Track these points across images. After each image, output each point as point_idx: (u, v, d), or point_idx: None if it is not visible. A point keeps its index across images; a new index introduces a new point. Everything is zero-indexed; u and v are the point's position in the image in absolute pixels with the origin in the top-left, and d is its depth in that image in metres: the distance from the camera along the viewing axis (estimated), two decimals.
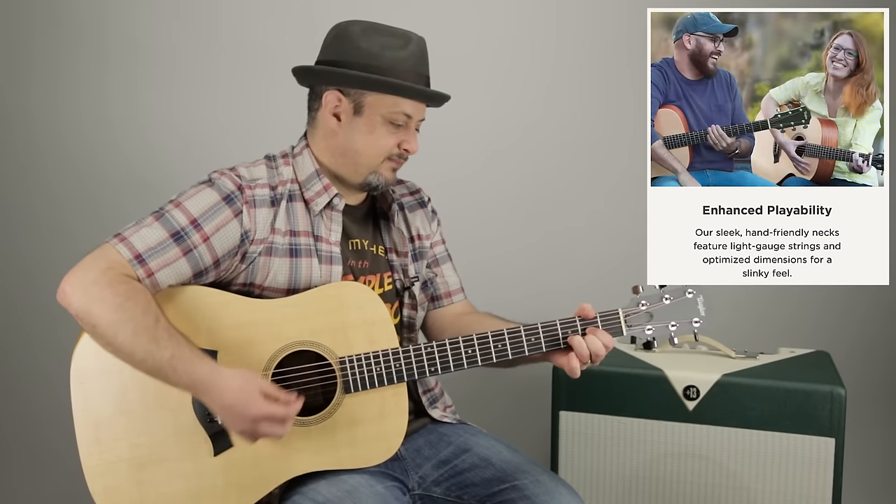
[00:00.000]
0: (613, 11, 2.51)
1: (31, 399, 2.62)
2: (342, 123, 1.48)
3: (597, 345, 1.40)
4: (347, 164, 1.50)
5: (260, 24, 2.58)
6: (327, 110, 1.48)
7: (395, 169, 1.52)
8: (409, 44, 1.46)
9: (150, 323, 1.29)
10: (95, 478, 1.35)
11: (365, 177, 1.50)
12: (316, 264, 1.46)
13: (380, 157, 1.48)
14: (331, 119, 1.48)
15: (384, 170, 1.50)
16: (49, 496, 2.50)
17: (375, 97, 1.45)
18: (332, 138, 1.49)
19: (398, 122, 1.47)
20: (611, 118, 2.55)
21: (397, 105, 1.45)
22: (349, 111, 1.47)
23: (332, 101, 1.47)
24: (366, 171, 1.49)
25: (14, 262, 2.64)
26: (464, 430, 1.60)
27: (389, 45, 1.45)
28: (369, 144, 1.47)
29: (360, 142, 1.47)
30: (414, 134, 1.50)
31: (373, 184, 1.51)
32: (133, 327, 1.28)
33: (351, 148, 1.48)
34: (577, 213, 2.60)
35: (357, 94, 1.45)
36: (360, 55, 1.44)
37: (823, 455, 1.82)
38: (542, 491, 1.42)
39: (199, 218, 1.39)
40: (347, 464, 1.42)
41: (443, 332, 1.65)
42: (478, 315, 1.66)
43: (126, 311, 1.28)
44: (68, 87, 2.59)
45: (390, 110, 1.45)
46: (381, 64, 1.44)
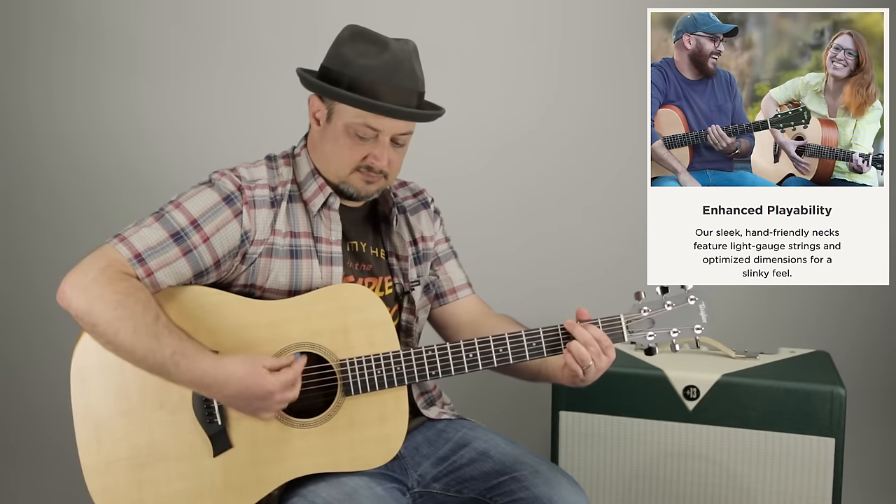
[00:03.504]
0: (613, 11, 2.50)
1: (32, 399, 2.62)
2: (320, 128, 1.48)
3: (587, 336, 1.39)
4: (323, 169, 1.49)
5: (259, 22, 2.58)
6: (310, 113, 1.50)
7: (368, 182, 1.47)
8: (385, 52, 1.41)
9: (150, 320, 1.29)
10: (95, 477, 1.35)
11: (337, 185, 1.49)
12: (316, 265, 1.46)
13: (345, 167, 1.46)
14: (313, 122, 1.49)
15: (354, 181, 1.47)
16: (49, 496, 2.50)
17: (341, 107, 1.43)
18: (315, 140, 1.51)
19: (363, 135, 1.43)
20: (611, 118, 2.55)
21: (360, 117, 1.41)
22: (324, 117, 1.47)
23: (315, 105, 1.48)
24: (336, 179, 1.48)
25: (13, 261, 2.64)
26: (462, 425, 1.60)
27: (365, 52, 1.42)
28: (335, 153, 1.46)
29: (328, 148, 1.47)
30: (384, 148, 1.44)
31: (346, 192, 1.49)
32: (133, 325, 1.28)
33: (322, 154, 1.48)
34: (576, 213, 2.60)
35: (330, 101, 1.45)
36: (337, 62, 1.44)
37: (823, 455, 1.82)
38: (542, 481, 1.42)
39: (199, 218, 1.39)
40: (347, 466, 1.42)
41: (458, 332, 1.63)
42: (495, 318, 1.64)
43: (126, 309, 1.28)
44: (65, 85, 2.58)
45: (352, 121, 1.42)
46: (349, 72, 1.41)
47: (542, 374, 1.53)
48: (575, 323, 1.42)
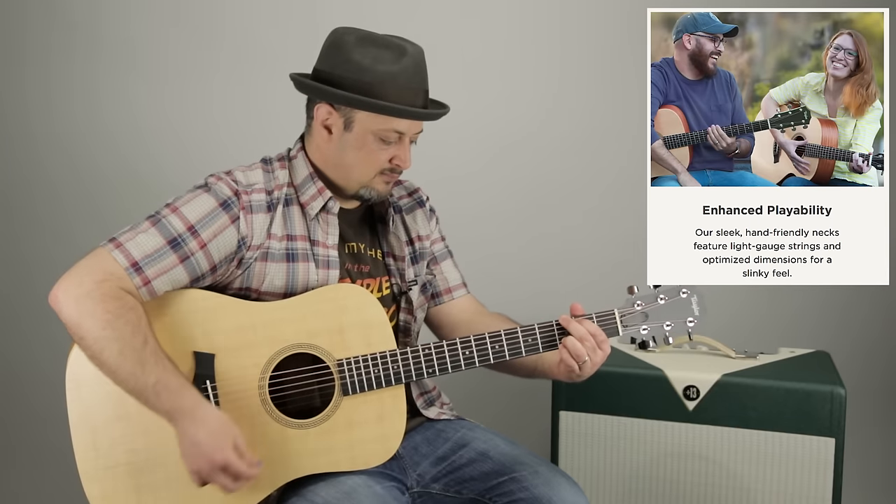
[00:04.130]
0: (613, 11, 2.50)
1: (32, 399, 2.62)
2: (333, 137, 1.46)
3: (582, 331, 1.40)
4: (340, 177, 1.49)
5: (258, 23, 2.57)
6: (318, 122, 1.47)
7: (388, 182, 1.50)
8: (403, 57, 1.42)
9: (138, 344, 1.29)
10: (92, 483, 1.35)
11: (357, 190, 1.49)
12: (313, 269, 1.46)
13: (371, 172, 1.47)
14: (322, 131, 1.47)
15: (377, 184, 1.48)
16: (49, 496, 2.50)
17: (366, 115, 1.42)
18: (325, 148, 1.48)
19: (389, 139, 1.44)
20: (611, 118, 2.54)
21: (388, 123, 1.43)
22: (340, 125, 1.45)
23: (323, 114, 1.46)
24: (357, 185, 1.48)
25: (13, 261, 2.64)
26: (461, 426, 1.60)
27: (382, 58, 1.41)
28: (360, 160, 1.46)
29: (350, 157, 1.46)
30: (407, 149, 1.47)
31: (365, 196, 1.50)
32: (120, 347, 1.28)
33: (342, 162, 1.47)
34: (576, 214, 2.60)
35: (347, 109, 1.43)
36: (351, 69, 1.41)
37: (823, 455, 1.82)
38: (541, 482, 1.42)
39: (197, 224, 1.38)
40: (345, 466, 1.42)
41: (454, 331, 1.64)
42: (489, 317, 1.65)
43: (115, 330, 1.28)
44: (64, 85, 2.59)
45: (381, 127, 1.43)
46: (371, 80, 1.40)
47: (538, 371, 1.54)
48: (570, 318, 1.43)
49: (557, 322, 1.43)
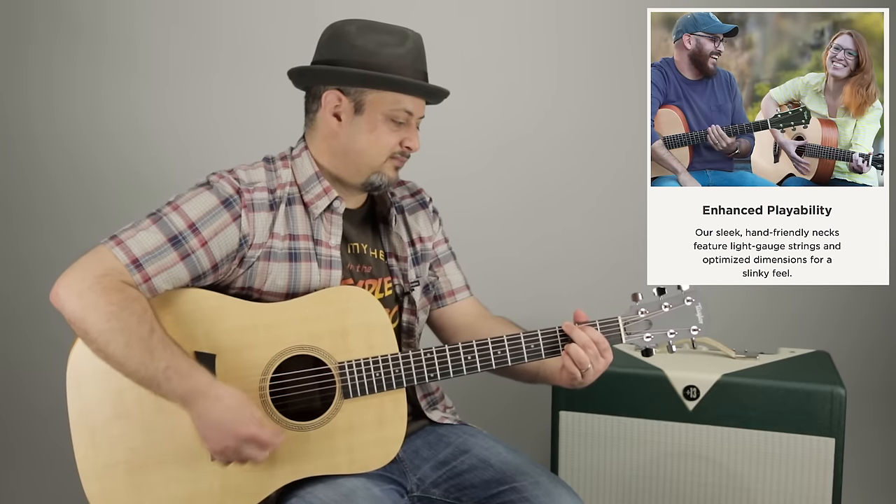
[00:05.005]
0: (613, 11, 2.50)
1: (32, 399, 2.62)
2: (343, 123, 1.47)
3: (585, 339, 1.39)
4: (349, 165, 1.49)
5: (259, 22, 2.57)
6: (327, 111, 1.47)
7: (397, 167, 1.51)
8: (406, 40, 1.46)
9: (144, 333, 1.28)
10: (91, 481, 1.34)
11: (367, 177, 1.49)
12: (315, 268, 1.46)
13: (382, 155, 1.48)
14: (331, 119, 1.47)
15: (387, 168, 1.49)
16: (49, 496, 2.50)
17: (376, 95, 1.44)
18: (332, 139, 1.48)
19: (399, 119, 1.46)
20: (611, 118, 2.54)
21: (398, 102, 1.45)
22: (350, 110, 1.46)
23: (332, 101, 1.46)
24: (368, 171, 1.49)
25: (13, 261, 2.64)
26: (463, 431, 1.59)
27: (387, 42, 1.44)
28: (372, 143, 1.47)
29: (362, 141, 1.46)
30: (415, 131, 1.50)
31: (375, 183, 1.50)
32: (126, 338, 1.27)
33: (353, 148, 1.47)
34: (576, 214, 2.60)
35: (357, 92, 1.45)
36: (357, 53, 1.44)
37: (823, 455, 1.82)
38: (542, 493, 1.42)
39: (198, 222, 1.38)
40: (345, 469, 1.41)
41: (456, 334, 1.63)
42: (492, 321, 1.64)
43: (120, 321, 1.27)
44: (65, 86, 2.59)
45: (392, 107, 1.45)
46: (379, 61, 1.43)
47: (540, 376, 1.53)
48: (573, 325, 1.42)
49: (560, 328, 1.43)
